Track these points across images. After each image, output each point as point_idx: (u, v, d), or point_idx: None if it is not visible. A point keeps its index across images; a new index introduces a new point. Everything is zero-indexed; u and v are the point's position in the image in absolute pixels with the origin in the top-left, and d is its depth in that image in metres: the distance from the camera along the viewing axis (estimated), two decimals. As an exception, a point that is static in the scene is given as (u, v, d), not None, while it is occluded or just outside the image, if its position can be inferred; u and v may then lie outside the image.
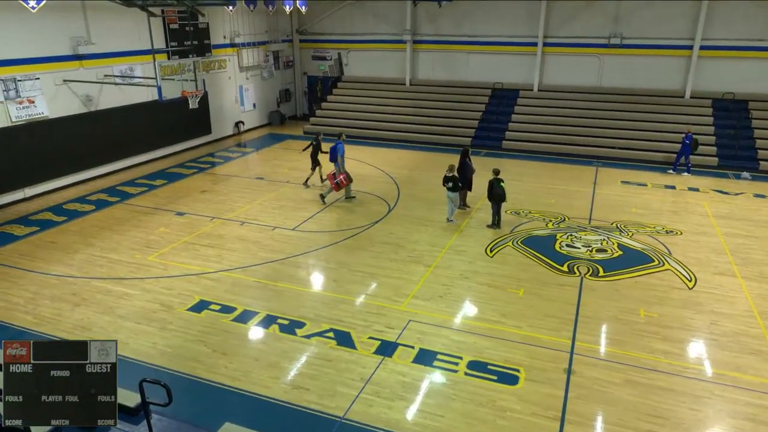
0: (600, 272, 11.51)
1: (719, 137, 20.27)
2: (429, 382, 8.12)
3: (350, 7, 26.17)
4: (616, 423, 7.27)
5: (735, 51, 21.01)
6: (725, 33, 20.92)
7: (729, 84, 21.35)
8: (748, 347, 8.94)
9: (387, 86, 26.19)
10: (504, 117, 23.29)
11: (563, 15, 22.92)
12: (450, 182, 13.86)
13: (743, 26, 20.67)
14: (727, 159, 19.52)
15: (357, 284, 11.05)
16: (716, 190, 17.13)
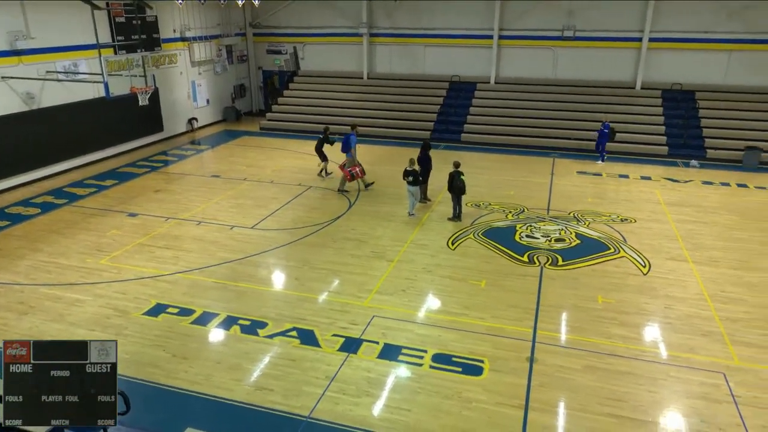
0: (559, 261, 11.81)
1: (669, 127, 21.07)
2: (394, 377, 8.17)
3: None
4: (578, 408, 7.50)
5: (682, 43, 21.86)
6: (673, 25, 21.75)
7: (677, 75, 22.22)
8: (700, 329, 9.35)
9: (344, 80, 26.09)
10: (462, 110, 23.56)
11: (518, 8, 23.32)
12: (410, 176, 13.94)
13: (689, 19, 21.52)
14: (677, 148, 20.32)
15: (319, 282, 11.00)
16: (667, 179, 17.82)
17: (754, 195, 16.33)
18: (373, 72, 26.10)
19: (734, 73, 21.73)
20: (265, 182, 17.22)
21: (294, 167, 18.87)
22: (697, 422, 7.23)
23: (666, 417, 7.38)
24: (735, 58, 21.59)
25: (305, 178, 17.58)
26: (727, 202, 15.66)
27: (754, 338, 9.07)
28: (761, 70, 21.38)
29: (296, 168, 18.78)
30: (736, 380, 8.01)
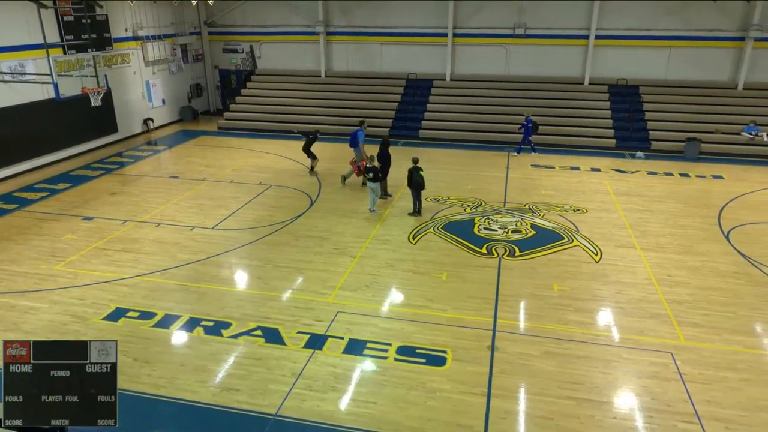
0: (516, 252, 12.05)
1: (615, 120, 21.76)
2: (360, 371, 8.18)
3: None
4: (538, 393, 7.68)
5: (626, 40, 22.60)
6: (617, 23, 22.45)
7: (622, 70, 22.95)
8: (649, 312, 9.72)
9: (302, 78, 25.83)
10: (419, 107, 23.69)
11: (471, 6, 23.59)
12: (371, 173, 13.94)
13: (632, 17, 22.25)
14: (623, 140, 21.01)
15: (283, 280, 10.89)
16: (615, 170, 18.40)
17: (695, 183, 17.06)
18: (330, 70, 25.94)
19: (674, 68, 22.62)
20: (224, 182, 16.91)
21: (254, 166, 18.59)
22: (648, 400, 7.52)
23: (620, 397, 7.65)
24: (675, 53, 22.47)
25: (265, 177, 17.35)
26: (671, 190, 16.30)
27: (698, 319, 9.49)
28: (699, 65, 22.34)
29: (256, 167, 18.51)
30: (682, 359, 8.37)
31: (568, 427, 7.04)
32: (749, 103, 21.31)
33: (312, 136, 17.67)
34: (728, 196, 15.64)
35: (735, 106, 21.36)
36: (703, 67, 22.34)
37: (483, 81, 24.09)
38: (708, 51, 22.16)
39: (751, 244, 12.42)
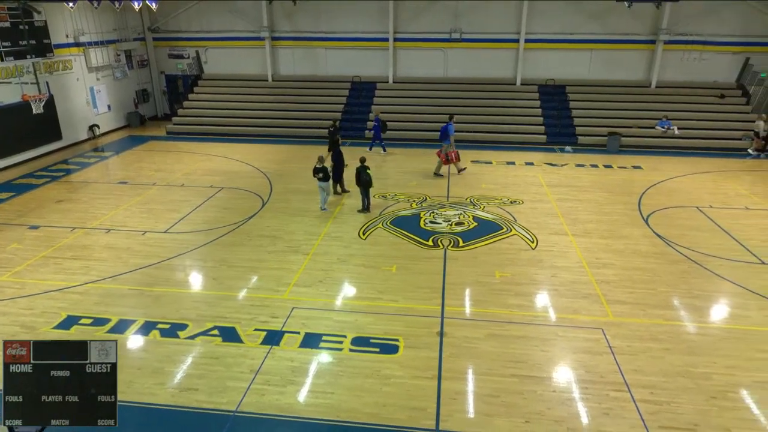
0: (460, 243, 12.28)
1: (546, 117, 22.49)
2: (317, 364, 8.12)
3: (205, 3, 24.71)
4: (485, 373, 7.87)
5: (552, 43, 23.39)
6: (544, 27, 23.19)
7: (550, 71, 23.75)
8: (581, 293, 10.14)
9: (250, 82, 25.29)
10: (365, 108, 23.68)
11: (410, 11, 23.77)
12: (320, 173, 13.84)
13: (557, 21, 23.05)
14: (553, 136, 21.76)
15: (238, 279, 10.65)
16: (547, 164, 19.03)
17: (618, 174, 17.89)
18: (277, 74, 25.52)
19: (596, 68, 23.62)
20: (175, 186, 16.35)
21: (204, 169, 18.06)
22: (583, 373, 7.86)
23: (558, 372, 7.94)
24: (595, 55, 23.46)
25: (216, 179, 16.89)
26: (596, 181, 17.03)
27: (624, 296, 9.98)
28: (617, 66, 23.42)
29: (207, 170, 17.99)
30: (612, 333, 8.79)
31: (512, 403, 7.26)
32: (661, 100, 22.53)
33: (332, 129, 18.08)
34: (646, 185, 16.50)
35: (649, 102, 22.53)
36: (620, 67, 23.45)
37: (423, 83, 24.34)
38: (624, 53, 23.27)
39: (667, 227, 13.15)
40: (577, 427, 6.86)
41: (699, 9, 22.00)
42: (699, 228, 13.13)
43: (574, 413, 7.09)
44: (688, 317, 9.36)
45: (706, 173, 17.68)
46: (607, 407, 7.18)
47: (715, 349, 8.43)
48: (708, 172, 17.75)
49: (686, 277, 10.70)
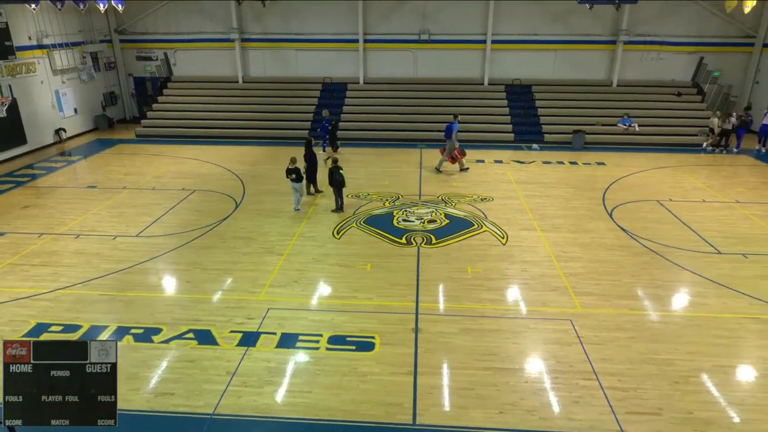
0: (433, 240, 12.36)
1: (513, 116, 22.82)
2: (294, 363, 8.07)
3: (173, 5, 24.23)
4: (459, 366, 7.95)
5: (518, 44, 23.75)
6: (510, 29, 23.53)
7: (516, 72, 24.11)
8: (550, 285, 10.33)
9: (220, 84, 24.92)
10: (336, 109, 23.58)
11: (379, 13, 23.79)
12: (293, 173, 13.74)
13: (522, 23, 23.42)
14: (521, 134, 22.09)
15: (212, 282, 10.49)
16: (515, 161, 19.31)
17: (583, 170, 18.28)
18: (248, 76, 25.21)
19: (560, 68, 24.09)
20: (146, 189, 15.99)
21: (176, 172, 17.71)
22: (553, 363, 8.01)
23: (529, 363, 8.08)
24: (559, 56, 23.91)
25: (188, 182, 16.58)
26: (562, 177, 17.37)
27: (590, 288, 10.22)
28: (580, 66, 23.94)
29: (178, 173, 17.64)
30: (580, 324, 8.98)
31: (486, 395, 7.35)
32: (622, 98, 23.12)
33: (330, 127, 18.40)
34: (610, 180, 16.91)
35: (611, 101, 23.08)
36: (583, 67, 23.97)
37: (394, 83, 24.41)
38: (587, 53, 23.79)
39: (630, 220, 13.51)
40: (549, 416, 6.99)
41: (656, 11, 22.67)
42: (660, 221, 13.53)
43: (546, 402, 7.23)
44: (652, 306, 9.63)
45: (665, 168, 18.22)
46: (577, 395, 7.34)
47: (677, 336, 8.70)
48: (667, 167, 18.30)
49: (649, 268, 11.02)
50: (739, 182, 16.69)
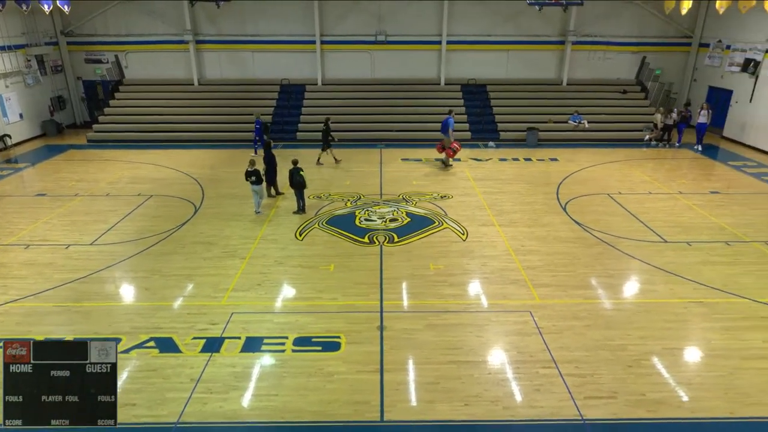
0: (395, 239, 12.42)
1: (470, 115, 23.17)
2: (260, 367, 7.95)
3: (122, 6, 23.38)
4: (425, 362, 8.02)
5: (472, 45, 24.12)
6: (464, 30, 23.87)
7: (471, 71, 24.49)
8: (509, 278, 10.56)
9: (175, 87, 24.23)
10: (295, 110, 23.37)
11: (335, 14, 23.68)
12: (253, 176, 13.52)
13: (476, 24, 23.80)
14: (477, 132, 22.45)
15: (172, 288, 10.20)
16: (473, 159, 19.63)
17: (537, 166, 18.75)
18: (203, 78, 24.62)
19: (513, 68, 24.62)
20: (100, 196, 15.38)
21: (131, 178, 17.12)
22: (515, 354, 8.19)
23: (492, 355, 8.24)
24: (512, 56, 24.44)
25: (144, 187, 16.06)
26: (518, 173, 17.76)
27: (548, 280, 10.50)
28: (531, 65, 24.54)
29: (133, 178, 17.06)
30: (539, 315, 9.22)
31: (452, 388, 7.44)
32: (572, 96, 23.84)
33: (325, 127, 18.33)
34: (563, 175, 17.42)
35: (562, 99, 23.77)
36: (535, 67, 24.59)
37: (352, 84, 24.36)
38: (537, 53, 24.41)
39: (583, 213, 13.96)
40: (512, 405, 7.15)
41: (601, 12, 23.49)
42: (610, 213, 14.03)
43: (509, 392, 7.38)
44: (605, 295, 9.99)
45: (614, 162, 18.91)
46: (538, 384, 7.53)
47: (629, 322, 9.05)
48: (616, 162, 18.99)
49: (601, 259, 11.41)
50: (681, 174, 17.50)
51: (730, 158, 19.44)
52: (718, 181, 16.81)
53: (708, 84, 23.34)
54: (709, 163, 18.95)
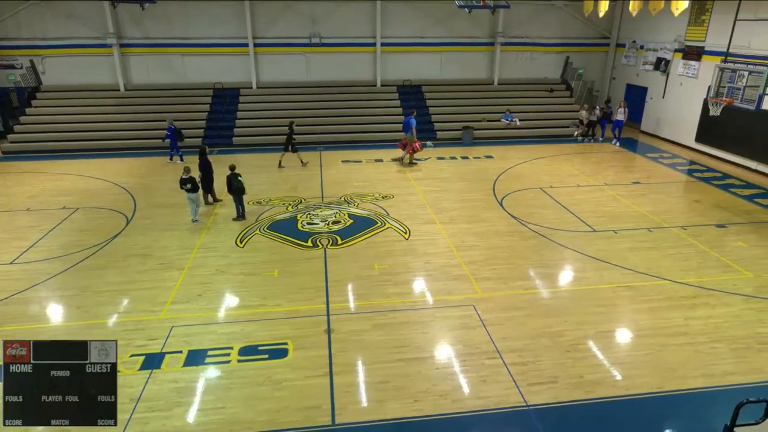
0: (339, 241, 12.37)
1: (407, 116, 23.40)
2: (204, 380, 7.67)
3: (37, 7, 21.85)
4: (374, 362, 8.04)
5: (406, 46, 24.45)
6: (397, 32, 24.14)
7: (406, 73, 24.82)
8: (452, 274, 10.79)
9: (99, 93, 22.92)
10: (230, 115, 22.75)
11: (267, 17, 23.26)
12: (188, 183, 13.03)
13: (409, 26, 24.13)
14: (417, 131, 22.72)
15: (106, 305, 9.65)
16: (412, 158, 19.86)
17: (474, 164, 19.27)
18: (130, 83, 23.45)
19: (447, 69, 25.18)
20: (19, 211, 14.31)
21: (54, 190, 16.03)
22: (460, 347, 8.38)
23: (439, 350, 8.38)
24: (445, 57, 24.99)
25: (70, 200, 15.09)
26: (456, 171, 18.18)
27: (489, 273, 10.82)
28: (464, 66, 25.20)
29: (57, 191, 15.98)
30: (482, 308, 9.48)
31: (401, 386, 7.51)
32: (504, 96, 24.69)
33: (290, 131, 18.39)
34: (498, 171, 18.00)
35: (494, 98, 24.55)
36: (467, 67, 25.27)
37: (287, 87, 24.03)
38: (469, 54, 25.10)
39: (518, 207, 14.49)
40: (460, 398, 7.30)
41: (526, 15, 24.50)
42: (544, 206, 14.65)
43: (457, 385, 7.54)
44: (543, 285, 10.42)
45: (544, 158, 19.76)
46: (484, 375, 7.74)
47: (566, 309, 9.49)
48: (546, 157, 19.85)
49: (537, 250, 11.89)
50: (606, 167, 18.56)
51: (648, 151, 20.82)
52: (638, 172, 17.96)
53: (626, 82, 24.90)
54: (630, 156, 20.21)
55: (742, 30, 15.79)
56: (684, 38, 20.93)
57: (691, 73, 20.63)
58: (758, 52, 16.39)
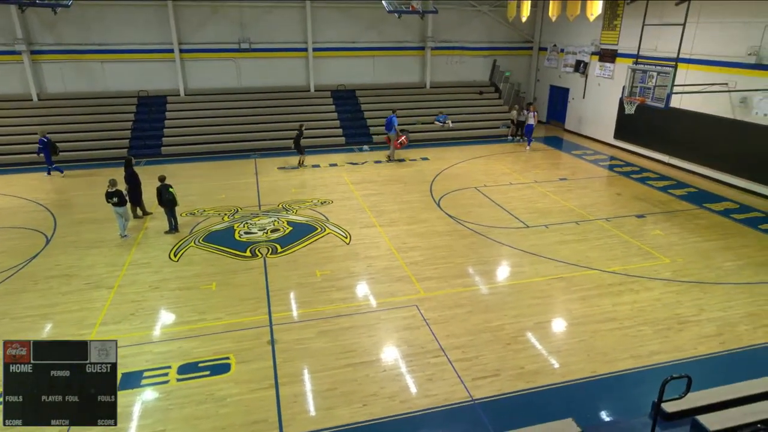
0: (278, 249, 12.14)
1: (342, 120, 23.45)
2: (141, 403, 7.27)
3: (-71, 12, 19.98)
4: (320, 369, 7.95)
5: (338, 51, 24.45)
6: (329, 37, 24.10)
7: (340, 77, 24.82)
8: (395, 276, 10.87)
9: (8, 103, 21.25)
10: (157, 124, 21.79)
11: (193, 21, 22.51)
12: (115, 197, 12.35)
13: (340, 31, 24.15)
14: (350, 137, 22.81)
15: (26, 331, 8.93)
16: (349, 163, 19.89)
17: (410, 166, 19.54)
18: (44, 93, 21.91)
19: (379, 73, 25.42)
20: None
21: (-40, 210, 14.69)
22: (406, 348, 8.45)
23: (385, 352, 8.41)
24: (377, 61, 25.22)
25: (-21, 220, 13.88)
26: (393, 174, 18.37)
27: (430, 273, 11.00)
28: (397, 70, 25.55)
29: (-37, 210, 14.66)
30: (425, 308, 9.62)
31: (350, 391, 7.47)
32: (436, 98, 25.27)
33: (299, 132, 18.89)
34: (434, 173, 18.37)
35: (427, 101, 25.07)
36: (399, 71, 25.63)
37: (217, 94, 23.37)
38: (401, 58, 25.48)
39: (455, 207, 14.84)
40: (408, 398, 7.36)
41: (454, 20, 25.23)
42: (479, 205, 15.10)
43: (404, 386, 7.60)
44: (481, 281, 10.72)
45: (478, 158, 20.38)
46: (430, 373, 7.85)
47: (504, 303, 9.82)
48: (480, 157, 20.48)
49: (475, 248, 12.24)
50: (534, 165, 19.40)
51: (572, 148, 21.99)
52: (564, 169, 18.92)
53: (549, 83, 26.19)
54: (556, 154, 21.25)
55: (649, 34, 17.04)
56: (599, 42, 22.32)
57: (607, 75, 22.02)
58: (664, 54, 17.76)
